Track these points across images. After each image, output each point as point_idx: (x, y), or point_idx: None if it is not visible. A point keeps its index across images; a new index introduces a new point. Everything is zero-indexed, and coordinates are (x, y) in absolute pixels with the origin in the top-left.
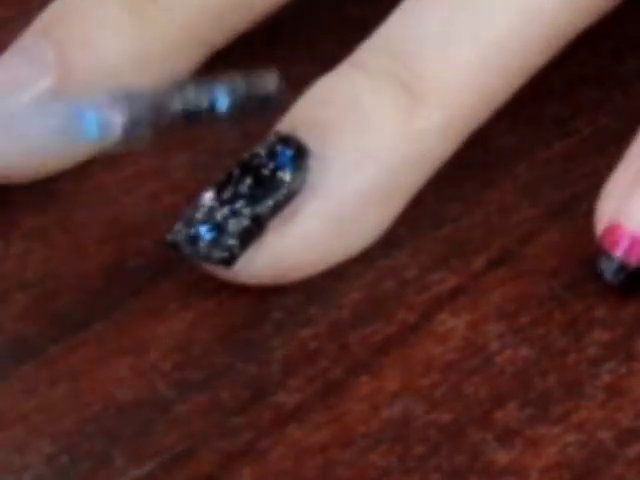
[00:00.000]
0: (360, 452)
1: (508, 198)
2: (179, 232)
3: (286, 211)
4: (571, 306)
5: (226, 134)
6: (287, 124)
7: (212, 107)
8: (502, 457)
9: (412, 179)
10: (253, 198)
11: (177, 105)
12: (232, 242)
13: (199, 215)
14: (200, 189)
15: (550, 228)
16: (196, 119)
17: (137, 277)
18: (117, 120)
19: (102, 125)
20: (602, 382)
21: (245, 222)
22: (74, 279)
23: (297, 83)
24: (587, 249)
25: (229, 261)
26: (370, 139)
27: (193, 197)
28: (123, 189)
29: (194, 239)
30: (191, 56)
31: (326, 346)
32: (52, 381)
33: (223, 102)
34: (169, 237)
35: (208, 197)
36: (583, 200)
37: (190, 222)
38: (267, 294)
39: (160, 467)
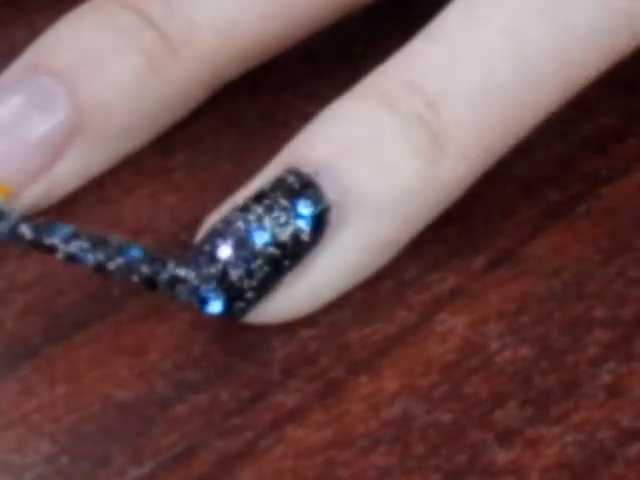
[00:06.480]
0: (360, 452)
1: (508, 198)
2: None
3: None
4: (571, 306)
5: (226, 134)
6: (305, 159)
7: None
8: (502, 457)
9: (425, 222)
10: (271, 259)
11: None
12: (242, 305)
13: (213, 271)
14: (200, 189)
15: (550, 228)
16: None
17: None
18: None
19: None
20: (602, 382)
21: (259, 283)
22: (74, 279)
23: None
24: (587, 249)
25: (236, 317)
26: (392, 192)
27: (193, 198)
28: (123, 189)
29: (204, 299)
30: (196, 101)
31: (326, 346)
32: (52, 381)
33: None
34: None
35: (224, 251)
36: (583, 200)
37: (203, 279)
38: None
39: (160, 467)
